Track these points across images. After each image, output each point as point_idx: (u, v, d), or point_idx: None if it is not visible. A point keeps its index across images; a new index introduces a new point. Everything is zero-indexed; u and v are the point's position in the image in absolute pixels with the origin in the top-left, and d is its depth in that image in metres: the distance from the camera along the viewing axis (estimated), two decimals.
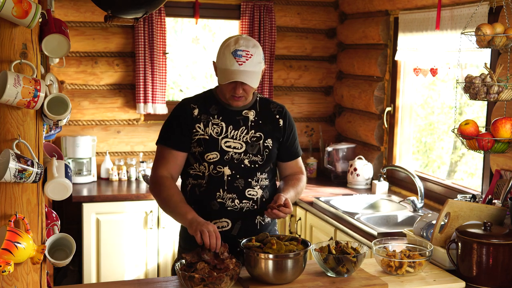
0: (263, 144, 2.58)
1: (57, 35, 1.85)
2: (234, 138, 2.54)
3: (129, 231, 4.23)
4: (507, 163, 3.10)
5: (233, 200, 2.53)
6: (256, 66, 2.46)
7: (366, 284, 2.31)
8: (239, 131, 2.55)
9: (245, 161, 2.54)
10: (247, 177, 2.54)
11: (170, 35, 5.46)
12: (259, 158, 2.56)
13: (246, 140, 2.55)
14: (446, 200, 2.64)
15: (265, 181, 2.60)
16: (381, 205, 4.07)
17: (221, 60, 2.48)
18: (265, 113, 2.62)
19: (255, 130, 2.57)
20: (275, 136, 2.61)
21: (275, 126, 2.62)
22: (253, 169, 2.55)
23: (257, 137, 2.57)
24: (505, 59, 2.94)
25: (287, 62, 5.05)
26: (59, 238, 1.97)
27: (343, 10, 4.99)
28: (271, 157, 2.60)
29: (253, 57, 2.45)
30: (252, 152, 2.55)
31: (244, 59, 2.43)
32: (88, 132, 4.66)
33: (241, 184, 2.54)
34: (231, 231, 2.54)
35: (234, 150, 2.53)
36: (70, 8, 4.52)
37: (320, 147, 5.05)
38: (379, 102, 4.42)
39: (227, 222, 2.54)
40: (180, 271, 2.18)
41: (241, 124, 2.56)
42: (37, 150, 1.88)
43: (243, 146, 2.55)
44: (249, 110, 2.60)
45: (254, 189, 2.56)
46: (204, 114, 2.56)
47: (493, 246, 2.38)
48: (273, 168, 2.67)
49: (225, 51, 2.46)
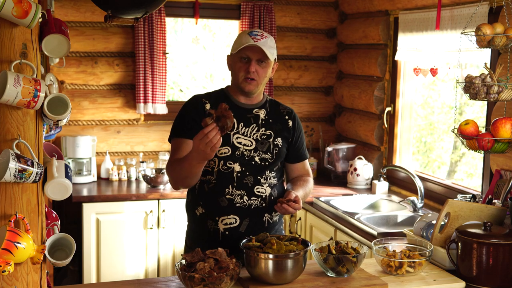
0: (273, 143, 2.60)
1: (57, 35, 1.85)
2: (244, 135, 2.57)
3: (129, 231, 4.23)
4: (507, 163, 3.10)
5: (242, 197, 2.54)
6: (270, 48, 2.53)
7: (366, 284, 2.31)
8: (250, 129, 2.58)
9: (255, 158, 2.56)
10: (256, 174, 2.56)
11: (170, 35, 5.47)
12: (269, 156, 2.58)
13: (256, 137, 2.58)
14: (446, 200, 2.64)
15: (274, 179, 2.62)
16: (381, 205, 4.07)
17: (236, 43, 2.56)
18: (275, 113, 2.66)
19: (265, 128, 2.60)
20: (284, 136, 2.64)
21: (284, 126, 2.65)
22: (262, 166, 2.57)
23: (267, 135, 2.60)
24: (505, 59, 2.94)
25: (287, 62, 5.05)
26: (59, 238, 1.97)
27: (343, 10, 4.99)
28: (280, 156, 2.62)
29: (267, 39, 2.53)
30: (262, 150, 2.57)
31: (259, 37, 2.51)
32: (88, 132, 4.66)
33: (250, 181, 2.55)
34: (239, 228, 2.55)
35: (245, 147, 2.55)
36: (70, 8, 4.52)
37: (320, 147, 5.05)
38: (379, 102, 4.42)
39: (235, 218, 2.55)
40: (180, 271, 2.18)
41: (252, 121, 2.59)
42: (37, 150, 1.88)
43: (253, 144, 2.57)
44: (259, 109, 2.63)
45: (263, 186, 2.57)
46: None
47: (493, 246, 2.38)
48: (281, 167, 2.70)
49: (241, 35, 2.57)
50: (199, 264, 2.20)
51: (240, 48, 2.51)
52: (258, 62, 2.53)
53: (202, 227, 2.59)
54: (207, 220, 2.57)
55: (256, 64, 2.52)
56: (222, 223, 2.55)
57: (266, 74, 2.55)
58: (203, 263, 2.20)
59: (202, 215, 2.58)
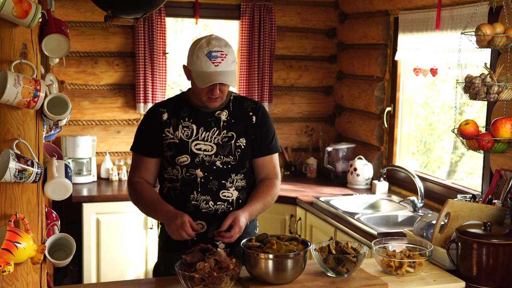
0: (235, 144, 2.54)
1: (57, 35, 1.85)
2: (205, 140, 2.52)
3: (129, 231, 4.23)
4: (507, 163, 3.10)
5: (207, 202, 2.51)
6: (231, 65, 2.44)
7: (366, 284, 2.31)
8: (210, 133, 2.53)
9: (216, 163, 2.51)
10: (220, 178, 2.52)
11: (170, 35, 5.47)
12: (231, 158, 2.53)
13: (217, 141, 2.52)
14: (446, 200, 2.64)
15: (241, 182, 2.56)
16: (381, 205, 4.07)
17: (195, 64, 2.43)
18: (238, 112, 2.58)
19: (227, 130, 2.54)
20: (248, 134, 2.57)
21: (248, 123, 2.58)
22: (225, 170, 2.53)
23: (229, 137, 2.54)
24: (505, 59, 2.94)
25: (287, 62, 5.05)
26: (59, 238, 1.97)
27: (343, 10, 4.99)
28: (244, 157, 2.56)
29: (227, 57, 2.42)
30: (223, 154, 2.52)
31: (220, 59, 2.40)
32: (88, 132, 4.66)
33: (215, 186, 2.52)
34: (207, 233, 2.52)
35: (205, 152, 2.51)
36: (70, 8, 4.52)
37: (320, 147, 5.05)
38: (379, 102, 4.42)
39: (202, 224, 2.51)
40: (180, 271, 2.18)
41: (213, 125, 2.54)
42: (37, 150, 1.88)
43: (214, 148, 2.52)
44: (221, 110, 2.57)
45: (229, 190, 2.53)
46: (174, 117, 2.54)
47: (493, 246, 2.38)
48: (251, 168, 2.62)
49: (199, 53, 2.41)
50: (199, 264, 2.20)
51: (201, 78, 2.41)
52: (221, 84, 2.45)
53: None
54: None
55: (220, 85, 2.45)
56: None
57: (233, 86, 2.48)
58: (203, 263, 2.20)
59: None
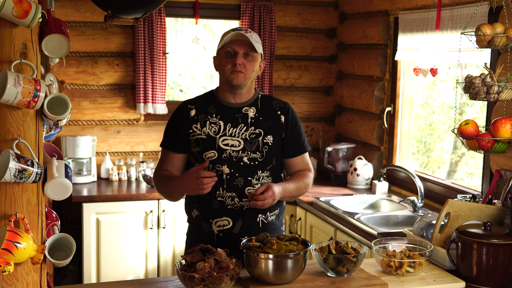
0: (262, 141, 2.57)
1: (57, 35, 1.85)
2: (232, 136, 2.55)
3: (129, 231, 4.23)
4: (507, 163, 3.10)
5: (233, 199, 2.54)
6: (256, 42, 2.52)
7: (366, 284, 2.31)
8: (238, 129, 2.56)
9: (244, 159, 2.54)
10: (246, 175, 2.55)
11: (170, 35, 5.47)
12: (258, 155, 2.56)
13: (245, 137, 2.56)
14: (446, 200, 2.64)
15: (267, 179, 2.59)
16: (381, 205, 4.07)
17: (222, 41, 2.55)
18: (266, 110, 2.63)
19: (254, 127, 2.57)
20: (276, 133, 2.60)
21: (276, 122, 2.62)
22: (252, 166, 2.55)
23: (257, 134, 2.57)
24: (505, 59, 2.94)
25: (287, 62, 5.05)
26: (59, 238, 1.97)
27: (343, 10, 4.99)
28: (271, 154, 2.59)
29: (253, 34, 2.53)
30: (250, 149, 2.55)
31: (244, 32, 2.51)
32: (88, 132, 4.66)
33: (241, 183, 2.54)
34: (232, 229, 2.56)
35: (232, 148, 2.54)
36: (70, 8, 4.52)
37: (320, 147, 5.05)
38: (379, 102, 4.42)
39: (227, 220, 2.55)
40: (180, 271, 2.18)
41: (240, 121, 2.57)
42: (37, 150, 1.88)
43: (241, 143, 2.55)
44: (249, 107, 2.61)
45: (254, 187, 2.55)
46: (202, 114, 2.59)
47: (493, 246, 2.38)
48: (277, 166, 2.65)
49: (226, 32, 2.57)
50: (199, 264, 2.20)
51: (226, 42, 2.51)
52: (244, 56, 2.52)
53: (198, 229, 2.62)
54: (202, 222, 2.60)
55: (243, 57, 2.52)
56: (216, 225, 2.56)
57: (253, 68, 2.54)
58: (203, 263, 2.20)
59: (197, 217, 2.61)
